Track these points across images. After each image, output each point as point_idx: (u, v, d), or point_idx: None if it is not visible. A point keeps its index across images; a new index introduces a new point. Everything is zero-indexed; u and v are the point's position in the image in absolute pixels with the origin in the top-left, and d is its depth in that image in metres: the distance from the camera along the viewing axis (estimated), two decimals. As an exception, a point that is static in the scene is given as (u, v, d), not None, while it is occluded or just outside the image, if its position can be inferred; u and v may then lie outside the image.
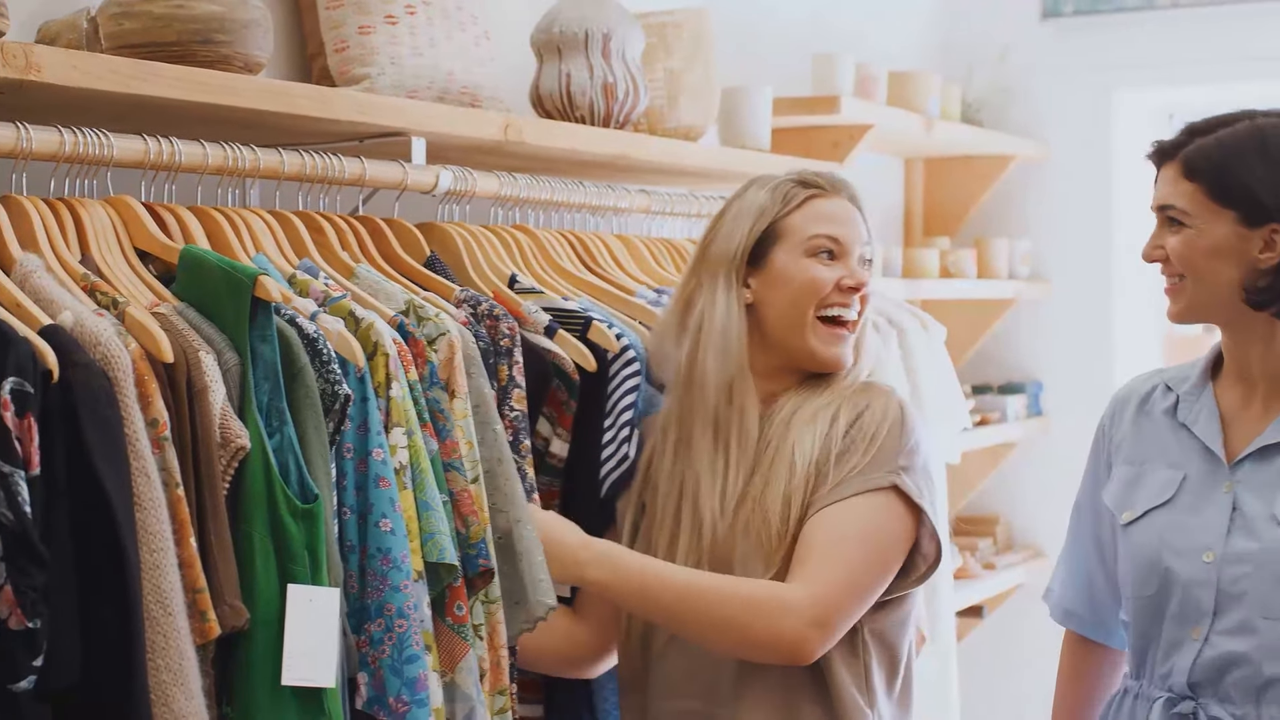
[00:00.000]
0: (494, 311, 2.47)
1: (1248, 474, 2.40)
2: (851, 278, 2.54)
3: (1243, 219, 2.29)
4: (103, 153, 2.19)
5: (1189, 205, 2.32)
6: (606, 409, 2.60)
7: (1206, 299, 2.35)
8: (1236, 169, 2.29)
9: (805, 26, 4.61)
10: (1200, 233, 2.31)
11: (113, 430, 1.84)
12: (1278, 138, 2.30)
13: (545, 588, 2.34)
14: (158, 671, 1.85)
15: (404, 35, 2.87)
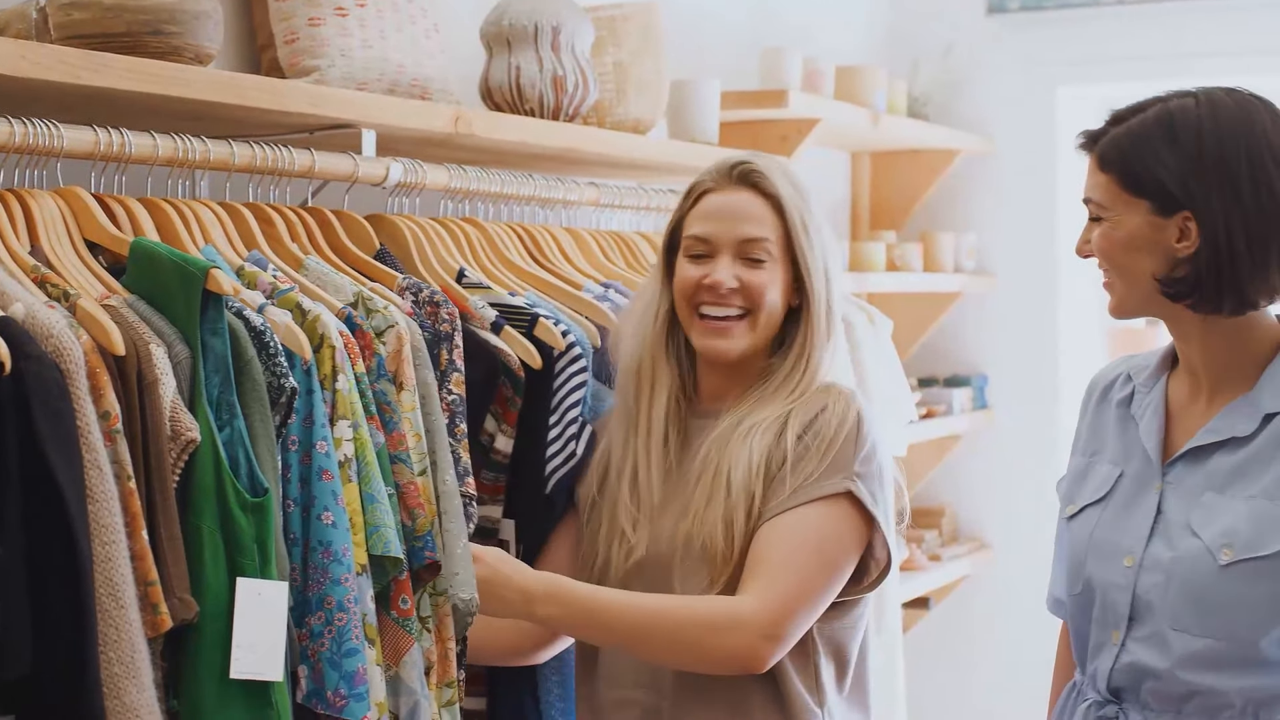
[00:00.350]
0: (434, 298, 2.47)
1: (1178, 476, 2.32)
2: (710, 277, 2.53)
3: (1155, 209, 2.21)
4: (53, 143, 2.18)
5: (1104, 197, 2.25)
6: (552, 406, 2.61)
7: (1133, 293, 2.28)
8: (1145, 157, 2.21)
9: (751, 20, 4.62)
10: (1115, 224, 2.25)
11: (65, 422, 1.83)
12: (1186, 122, 2.20)
13: (460, 580, 2.32)
14: (110, 664, 1.85)
15: (354, 27, 2.86)
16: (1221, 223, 2.17)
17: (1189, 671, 2.24)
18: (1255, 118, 2.19)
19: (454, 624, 2.33)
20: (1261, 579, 2.20)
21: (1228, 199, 2.17)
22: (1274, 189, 2.17)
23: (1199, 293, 2.21)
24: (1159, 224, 2.21)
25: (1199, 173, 2.18)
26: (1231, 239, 2.17)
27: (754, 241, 2.53)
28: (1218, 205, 2.17)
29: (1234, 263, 2.18)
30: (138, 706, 1.86)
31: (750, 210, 2.55)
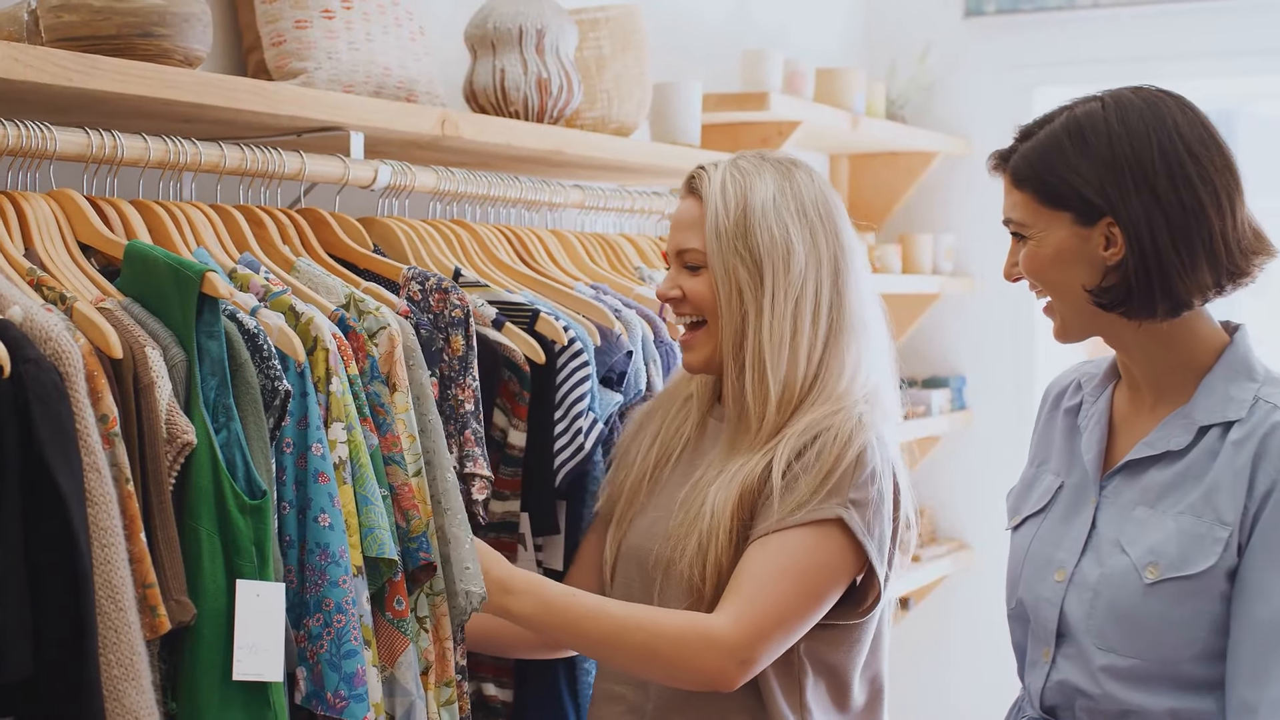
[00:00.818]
0: (442, 284, 2.48)
1: (1114, 490, 2.26)
2: (658, 288, 2.56)
3: (1077, 219, 2.13)
4: (45, 146, 2.18)
5: (1024, 215, 2.18)
6: (556, 400, 2.62)
7: (1071, 312, 2.20)
8: (1058, 168, 2.13)
9: (730, 21, 4.64)
10: (1040, 242, 2.17)
11: (65, 426, 1.83)
12: (1095, 127, 2.14)
13: (470, 575, 2.33)
14: (109, 666, 1.85)
15: (340, 30, 2.87)
16: (1144, 224, 2.10)
17: (1118, 690, 2.18)
18: (1164, 114, 2.14)
19: (456, 616, 2.34)
20: (1186, 599, 2.13)
21: (1147, 199, 2.10)
22: (1192, 183, 2.11)
23: (1132, 299, 2.13)
24: (1083, 234, 2.14)
25: (1115, 176, 2.11)
26: (1156, 239, 2.10)
27: (686, 251, 2.51)
28: (1138, 207, 2.10)
29: (1162, 263, 2.11)
30: (137, 709, 1.86)
31: (687, 218, 2.53)
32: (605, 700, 2.56)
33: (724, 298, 2.46)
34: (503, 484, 2.62)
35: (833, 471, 2.36)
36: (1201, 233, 2.11)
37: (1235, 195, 2.14)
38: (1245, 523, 2.10)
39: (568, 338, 2.64)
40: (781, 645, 2.37)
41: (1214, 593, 2.12)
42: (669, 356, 2.92)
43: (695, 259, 2.50)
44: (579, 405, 2.63)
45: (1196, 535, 2.13)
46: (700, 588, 2.41)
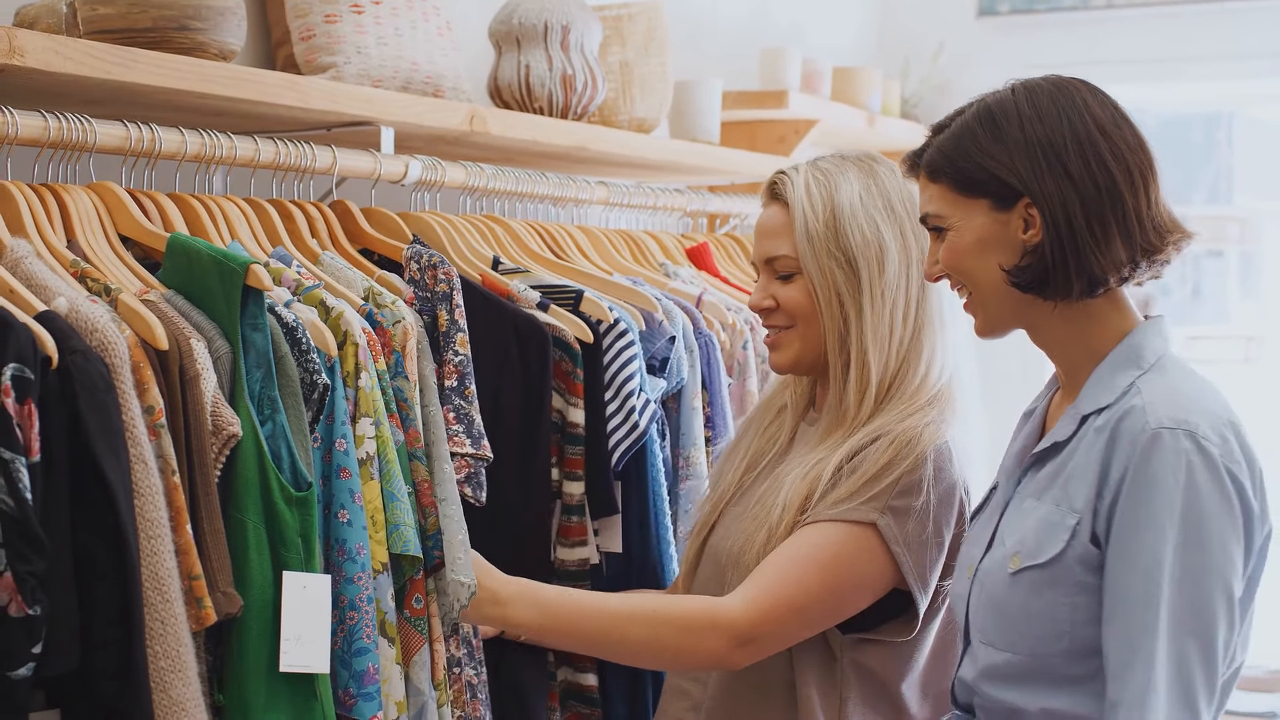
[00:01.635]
0: (433, 260, 2.47)
1: (1025, 485, 2.22)
2: (750, 299, 2.56)
3: (995, 205, 2.11)
4: (85, 138, 2.18)
5: (941, 207, 2.16)
6: (606, 381, 2.62)
7: (992, 301, 2.16)
8: (972, 154, 2.12)
9: (748, 19, 4.64)
10: (960, 231, 2.14)
11: (111, 417, 1.83)
12: (1006, 112, 2.11)
13: (460, 565, 2.30)
14: (155, 658, 1.84)
15: (369, 24, 2.86)
16: (1059, 202, 2.08)
17: (995, 687, 2.15)
18: (1074, 96, 2.12)
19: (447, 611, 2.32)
20: (1044, 589, 2.10)
21: (1060, 178, 2.08)
22: (1104, 160, 2.09)
23: (1048, 278, 2.11)
24: (1002, 219, 2.12)
25: (1028, 157, 2.09)
26: (1071, 217, 2.08)
27: (776, 259, 2.50)
28: (1052, 185, 2.08)
29: (1076, 240, 2.08)
30: (184, 700, 1.86)
31: (773, 226, 2.52)
32: (673, 695, 2.56)
33: (823, 301, 2.46)
34: (571, 464, 2.61)
35: (880, 477, 2.35)
36: (1115, 209, 2.09)
37: (1149, 174, 2.12)
38: (1100, 511, 2.07)
39: (613, 316, 2.64)
40: (792, 633, 2.35)
41: (1069, 582, 2.08)
42: (708, 348, 2.92)
43: (787, 266, 2.49)
44: (629, 384, 2.63)
45: (1051, 523, 2.11)
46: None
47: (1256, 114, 6.50)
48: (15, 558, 1.72)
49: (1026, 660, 2.11)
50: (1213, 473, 2.00)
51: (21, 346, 1.75)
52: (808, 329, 2.49)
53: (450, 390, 2.41)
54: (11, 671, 1.73)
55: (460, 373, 2.42)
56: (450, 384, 2.40)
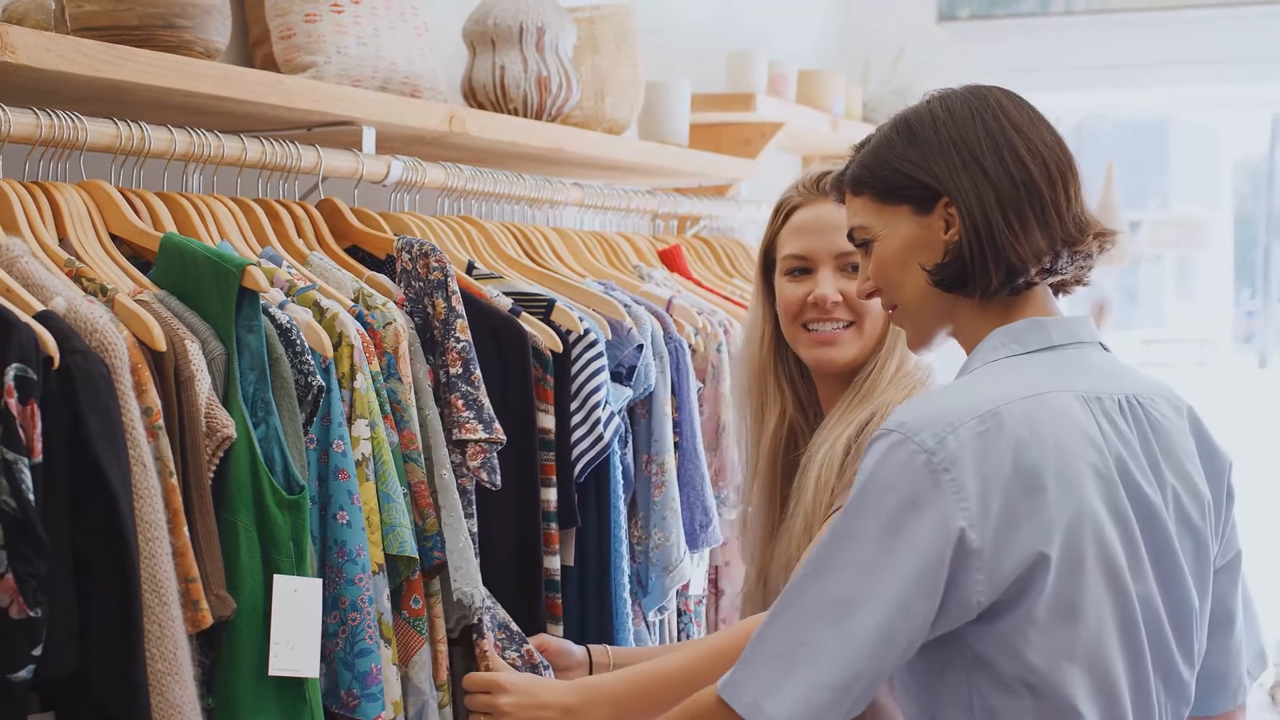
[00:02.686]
0: (424, 249, 2.46)
1: None
2: (815, 293, 2.50)
3: (916, 209, 2.10)
4: (76, 137, 2.16)
5: (865, 218, 2.16)
6: (573, 391, 2.62)
7: (918, 306, 2.14)
8: (889, 161, 2.11)
9: (713, 22, 4.65)
10: (885, 240, 2.14)
11: (112, 418, 1.82)
12: (920, 118, 2.12)
13: (463, 575, 2.31)
14: (153, 661, 1.84)
15: (349, 24, 2.86)
16: (975, 199, 2.07)
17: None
18: (987, 98, 2.13)
19: (451, 617, 2.34)
20: None
21: (976, 175, 2.07)
22: (1019, 156, 2.08)
23: (969, 272, 2.09)
24: (924, 222, 2.12)
25: (943, 157, 2.09)
26: (987, 212, 2.06)
27: (848, 253, 2.49)
28: (968, 183, 2.07)
29: (994, 233, 2.06)
30: (181, 704, 1.86)
31: (838, 221, 2.45)
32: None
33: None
34: (546, 470, 2.61)
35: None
36: (1033, 202, 2.08)
37: (1067, 172, 2.11)
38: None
39: (582, 327, 2.65)
40: None
41: None
42: (677, 353, 2.93)
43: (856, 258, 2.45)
44: (596, 396, 2.63)
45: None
46: None
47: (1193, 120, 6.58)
48: (17, 559, 1.72)
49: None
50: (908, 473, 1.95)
51: (24, 347, 1.74)
52: (873, 327, 2.50)
53: (456, 378, 2.40)
54: (11, 674, 1.72)
55: (464, 359, 2.41)
56: (455, 371, 2.40)
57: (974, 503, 1.92)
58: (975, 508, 1.92)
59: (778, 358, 2.59)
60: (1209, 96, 5.60)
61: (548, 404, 2.60)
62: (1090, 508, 1.96)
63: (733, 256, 3.78)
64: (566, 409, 2.63)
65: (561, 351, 2.62)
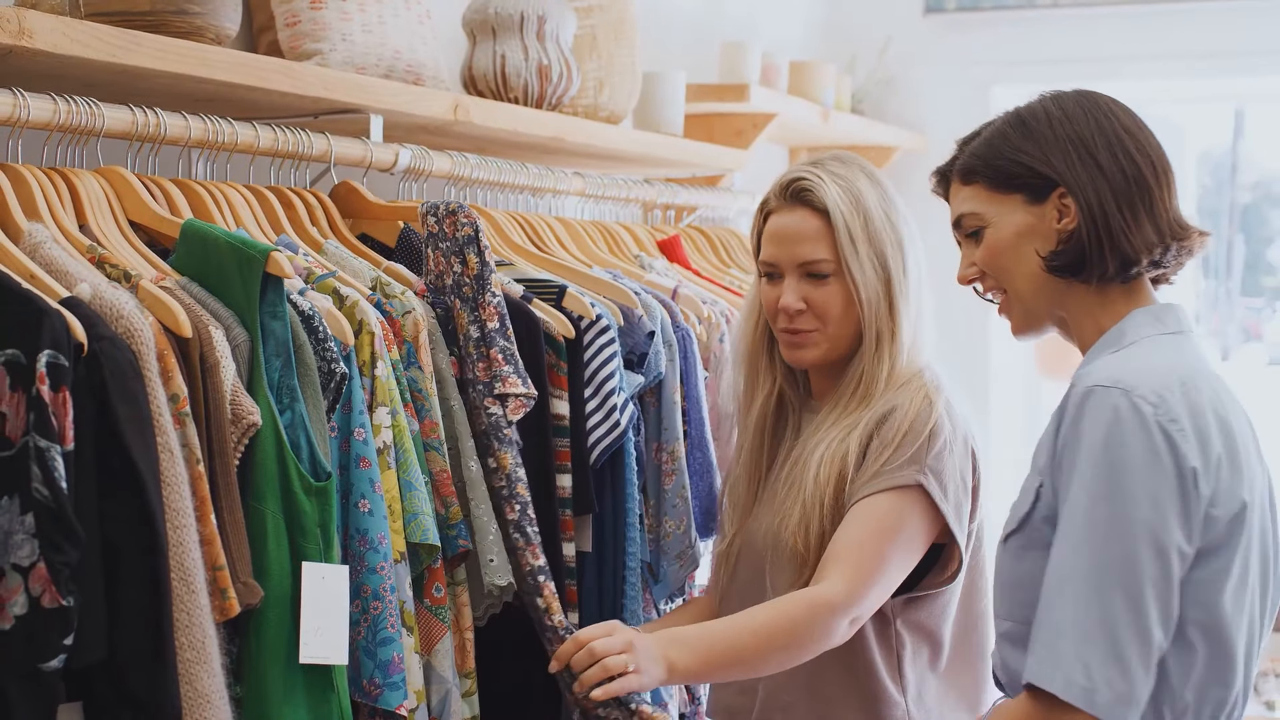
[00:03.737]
0: (450, 208, 2.46)
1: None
2: (782, 302, 2.62)
3: (1029, 198, 2.22)
4: (94, 123, 2.15)
5: (976, 206, 2.26)
6: (587, 377, 2.62)
7: (1030, 292, 2.24)
8: (1005, 153, 2.23)
9: (703, 12, 4.64)
10: (997, 227, 2.24)
11: (140, 405, 1.81)
12: (1034, 113, 2.25)
13: (495, 568, 2.32)
14: (182, 649, 1.83)
15: (354, 11, 2.84)
16: (1092, 191, 2.19)
17: (1007, 655, 2.22)
18: (1097, 99, 2.25)
19: (479, 606, 2.33)
20: (1022, 551, 2.17)
21: (1090, 168, 2.19)
22: (1130, 154, 2.20)
23: (1086, 259, 2.19)
24: (1037, 211, 2.22)
25: (1059, 150, 2.21)
26: (1103, 202, 2.18)
27: (813, 262, 2.61)
28: (1084, 176, 2.19)
29: (1110, 223, 2.18)
30: (209, 692, 1.84)
31: (805, 230, 2.62)
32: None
33: (866, 300, 2.59)
34: (561, 457, 2.60)
35: (909, 441, 2.51)
36: (1143, 198, 2.20)
37: (1169, 172, 2.23)
38: (1052, 469, 2.14)
39: (595, 313, 2.64)
40: (879, 602, 2.49)
41: (1040, 544, 2.15)
42: (685, 341, 2.92)
43: (825, 268, 2.60)
44: (610, 382, 2.63)
45: (1024, 489, 2.21)
46: (805, 555, 2.53)
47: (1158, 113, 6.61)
48: (50, 548, 1.70)
49: (1023, 628, 2.17)
50: (1141, 427, 2.05)
51: (56, 333, 1.72)
52: (838, 329, 2.62)
53: (494, 332, 2.40)
54: (44, 663, 1.70)
55: (500, 314, 2.41)
56: (493, 325, 2.40)
57: (1196, 451, 2.05)
58: (1198, 455, 2.05)
59: (769, 339, 2.73)
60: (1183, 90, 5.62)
61: (561, 390, 2.59)
62: (1257, 467, 2.16)
63: (729, 246, 3.78)
64: (580, 395, 2.62)
65: (574, 337, 2.61)
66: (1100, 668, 2.02)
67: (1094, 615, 2.03)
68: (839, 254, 2.59)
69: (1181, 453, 2.05)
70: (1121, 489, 2.04)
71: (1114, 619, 2.03)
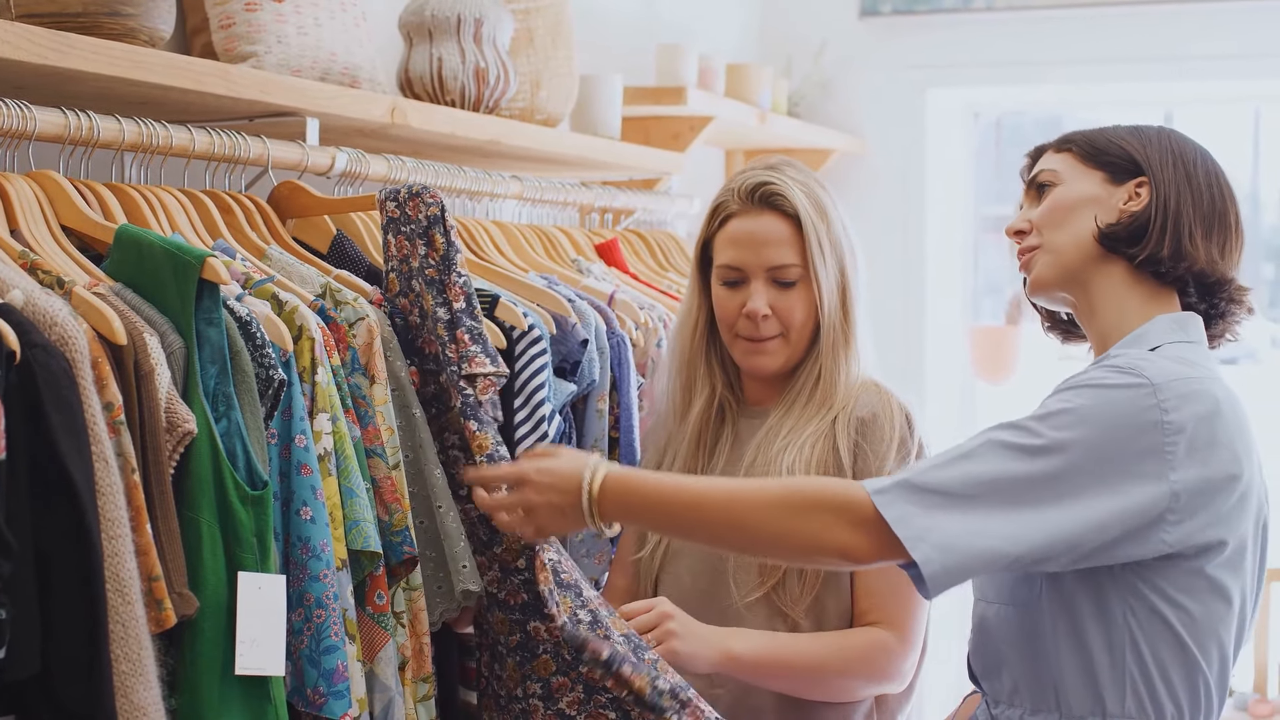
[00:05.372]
0: (413, 189, 2.43)
1: None
2: (748, 307, 2.61)
3: (1109, 178, 2.28)
4: (26, 126, 2.11)
5: (1059, 167, 2.32)
6: (516, 388, 2.60)
7: (1072, 251, 2.27)
8: (1107, 135, 2.32)
9: (639, 15, 4.63)
10: (1068, 186, 2.29)
11: (74, 414, 1.78)
12: (1149, 126, 2.34)
13: (467, 573, 2.32)
14: (117, 662, 1.80)
15: (290, 14, 2.82)
16: (1173, 190, 2.25)
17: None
18: (1204, 146, 2.33)
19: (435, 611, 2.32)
20: None
21: (1181, 178, 2.26)
22: (1223, 189, 2.29)
23: (1142, 238, 2.24)
24: (1110, 190, 2.28)
25: (1159, 151, 2.28)
26: (1180, 204, 2.24)
27: (783, 267, 2.60)
28: (1171, 177, 2.26)
29: (1180, 219, 2.24)
30: (145, 705, 1.82)
31: (775, 235, 2.61)
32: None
33: (828, 305, 2.60)
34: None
35: (895, 449, 2.54)
36: (1221, 229, 2.27)
37: (1243, 238, 2.31)
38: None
39: (527, 323, 2.63)
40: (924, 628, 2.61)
41: None
42: (620, 348, 2.91)
43: (793, 274, 2.60)
44: (540, 394, 2.62)
45: None
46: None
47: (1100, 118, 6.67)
48: (-19, 560, 1.67)
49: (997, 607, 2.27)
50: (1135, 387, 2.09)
51: (-13, 341, 1.70)
52: (799, 336, 2.63)
53: (461, 312, 2.38)
54: (-25, 677, 1.68)
55: (466, 294, 2.40)
56: (459, 306, 2.38)
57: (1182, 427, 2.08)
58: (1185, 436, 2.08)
59: (710, 344, 2.72)
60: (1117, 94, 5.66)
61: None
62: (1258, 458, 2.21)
63: (666, 250, 3.77)
64: (510, 404, 2.60)
65: (505, 348, 2.59)
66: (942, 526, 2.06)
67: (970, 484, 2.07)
68: (808, 260, 2.59)
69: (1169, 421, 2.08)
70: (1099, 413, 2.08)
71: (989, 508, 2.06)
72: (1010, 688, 2.24)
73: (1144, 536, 2.07)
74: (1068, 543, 2.06)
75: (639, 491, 2.24)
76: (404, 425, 2.32)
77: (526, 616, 2.40)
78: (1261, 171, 7.46)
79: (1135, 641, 2.13)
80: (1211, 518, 2.09)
